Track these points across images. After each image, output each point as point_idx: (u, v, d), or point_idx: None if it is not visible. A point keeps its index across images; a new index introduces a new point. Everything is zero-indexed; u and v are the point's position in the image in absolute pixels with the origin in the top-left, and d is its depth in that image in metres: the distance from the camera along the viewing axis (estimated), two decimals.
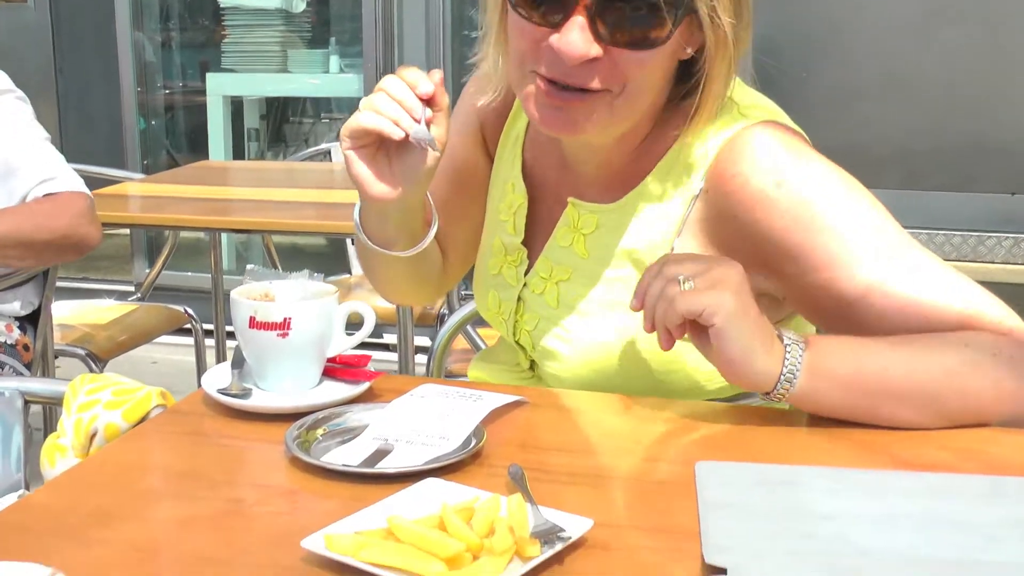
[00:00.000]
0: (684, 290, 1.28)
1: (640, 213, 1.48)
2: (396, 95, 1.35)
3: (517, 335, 1.60)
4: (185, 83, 6.08)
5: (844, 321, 1.39)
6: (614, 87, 1.36)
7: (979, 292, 1.36)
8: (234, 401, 1.35)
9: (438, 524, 1.00)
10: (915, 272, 1.36)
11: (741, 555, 0.99)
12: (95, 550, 1.02)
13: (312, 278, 1.43)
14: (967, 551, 1.02)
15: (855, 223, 1.38)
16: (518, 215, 1.60)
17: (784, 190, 1.38)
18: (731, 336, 1.27)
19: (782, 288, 1.43)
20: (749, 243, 1.41)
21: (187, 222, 3.19)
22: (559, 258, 1.54)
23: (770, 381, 1.29)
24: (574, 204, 1.53)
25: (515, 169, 1.62)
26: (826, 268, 1.37)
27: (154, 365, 4.70)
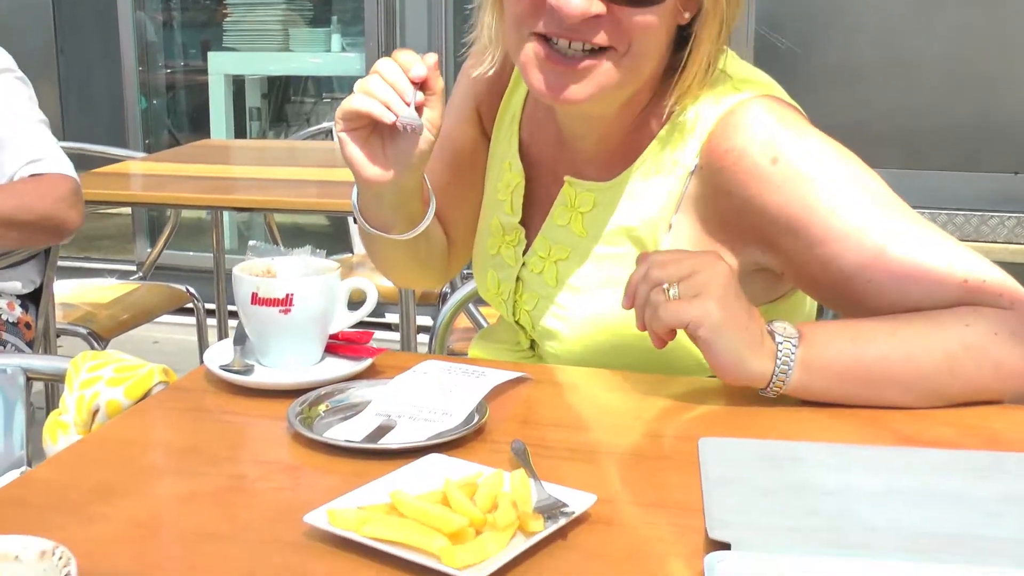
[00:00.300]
0: (669, 300, 1.28)
1: (637, 190, 1.47)
2: (389, 78, 1.36)
3: (517, 315, 1.60)
4: (187, 62, 6.07)
5: (843, 296, 1.39)
6: (620, 46, 1.36)
7: (979, 262, 1.34)
8: (236, 377, 1.35)
9: (441, 499, 0.99)
10: (914, 245, 1.34)
11: (744, 530, 0.99)
12: (97, 525, 1.02)
13: (314, 254, 1.43)
14: (969, 526, 1.02)
15: (852, 198, 1.37)
16: (516, 194, 1.60)
17: (780, 165, 1.37)
18: (718, 345, 1.27)
19: (780, 263, 1.43)
20: (746, 218, 1.41)
21: (189, 200, 3.18)
22: (557, 237, 1.54)
23: (764, 379, 1.29)
24: (571, 183, 1.53)
25: (512, 148, 1.62)
26: (823, 243, 1.36)
27: (156, 344, 4.71)
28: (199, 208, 3.72)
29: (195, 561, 0.96)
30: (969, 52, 4.75)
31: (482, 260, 1.67)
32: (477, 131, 1.70)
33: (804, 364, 1.29)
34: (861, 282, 1.36)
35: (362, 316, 1.43)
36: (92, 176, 3.34)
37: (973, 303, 1.32)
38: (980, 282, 1.32)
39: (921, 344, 1.29)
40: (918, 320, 1.32)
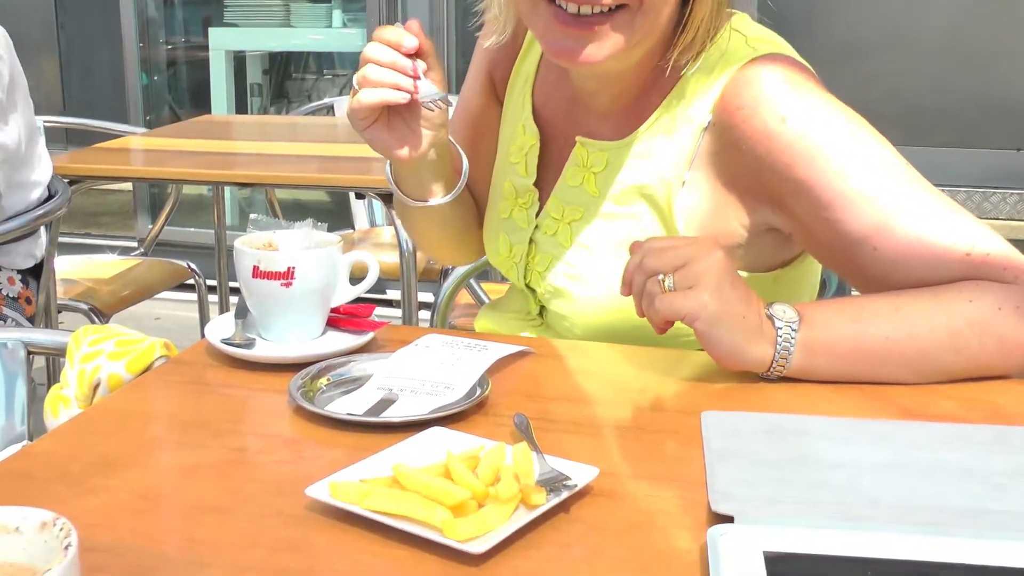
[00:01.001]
0: (664, 291, 1.27)
1: (650, 148, 1.47)
2: (385, 60, 1.37)
3: (528, 278, 1.60)
4: (187, 38, 6.05)
5: (848, 262, 1.38)
6: (632, 2, 1.36)
7: (985, 235, 1.33)
8: (238, 351, 1.35)
9: (443, 472, 0.99)
10: (921, 215, 1.33)
11: (748, 503, 0.99)
12: (98, 498, 1.01)
13: (316, 228, 1.43)
14: (974, 499, 1.01)
15: (860, 163, 1.36)
16: (530, 156, 1.60)
17: (788, 125, 1.37)
18: (715, 336, 1.27)
19: (788, 224, 1.42)
20: (755, 177, 1.40)
21: (190, 176, 3.17)
22: (570, 198, 1.54)
23: (764, 364, 1.29)
24: (582, 143, 1.53)
25: (525, 110, 1.62)
26: (829, 207, 1.36)
27: (157, 321, 4.71)
28: (200, 184, 3.72)
29: (196, 533, 0.95)
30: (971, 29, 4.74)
31: (494, 224, 1.67)
32: (491, 96, 1.71)
33: (805, 347, 1.28)
34: (867, 249, 1.35)
35: (364, 290, 1.42)
36: (93, 151, 3.33)
37: (977, 277, 1.31)
38: (984, 255, 1.31)
39: (924, 322, 1.29)
40: (921, 297, 1.31)
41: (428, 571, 0.89)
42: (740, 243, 1.46)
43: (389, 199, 2.91)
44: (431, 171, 1.53)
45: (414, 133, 1.45)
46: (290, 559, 0.91)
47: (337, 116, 4.34)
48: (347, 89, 5.94)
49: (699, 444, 1.12)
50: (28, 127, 2.79)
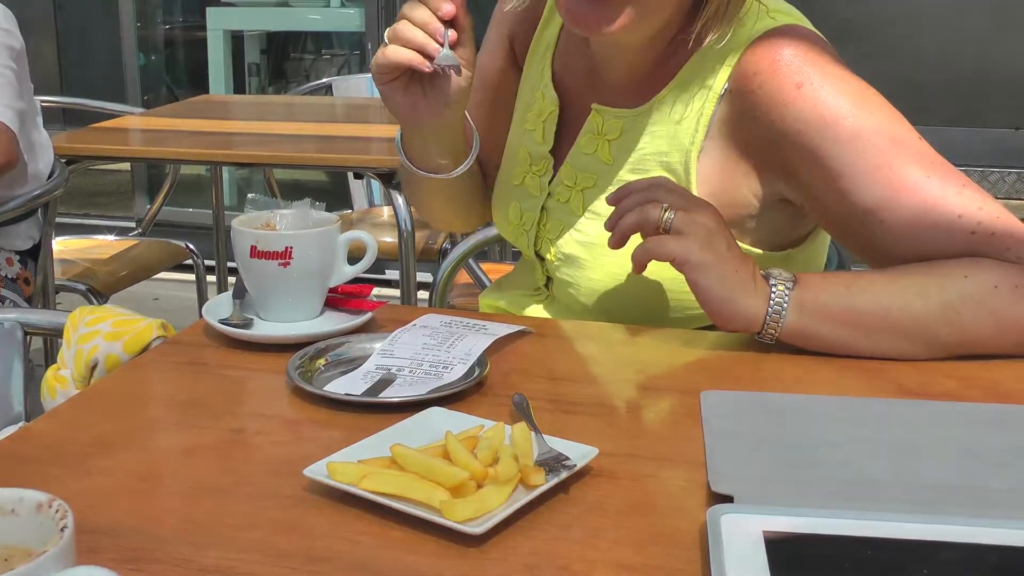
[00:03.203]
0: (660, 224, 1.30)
1: (666, 116, 1.47)
2: (418, 20, 1.37)
3: (539, 245, 1.59)
4: (185, 18, 6.04)
5: (855, 234, 1.38)
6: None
7: (994, 214, 1.32)
8: (236, 331, 1.34)
9: (442, 453, 0.99)
10: (929, 190, 1.33)
11: (747, 483, 0.98)
12: (95, 479, 1.01)
13: (314, 208, 1.42)
14: (974, 478, 1.01)
15: (873, 135, 1.35)
16: (548, 123, 1.60)
17: (803, 92, 1.37)
18: (704, 285, 1.28)
19: (799, 194, 1.42)
20: (768, 145, 1.40)
21: (188, 156, 3.17)
22: (583, 165, 1.54)
23: (757, 321, 1.29)
24: (598, 110, 1.53)
25: (545, 78, 1.63)
26: (838, 178, 1.35)
27: (156, 301, 4.70)
28: (198, 163, 3.71)
29: (194, 514, 0.95)
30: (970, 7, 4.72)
31: (504, 191, 1.67)
32: (510, 64, 1.72)
33: (798, 305, 1.29)
34: (874, 221, 1.35)
35: (362, 270, 1.42)
36: (90, 131, 3.33)
37: (979, 255, 1.31)
38: (989, 234, 1.31)
39: (917, 292, 1.29)
40: (917, 270, 1.32)
41: (427, 552, 0.89)
42: (752, 214, 1.46)
43: (387, 179, 2.91)
44: (440, 143, 1.54)
45: (427, 103, 1.45)
46: (288, 540, 0.91)
47: (335, 96, 4.33)
48: (345, 69, 5.94)
49: (699, 424, 1.12)
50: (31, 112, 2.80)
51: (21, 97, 2.74)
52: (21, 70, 2.73)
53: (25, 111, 2.72)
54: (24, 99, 2.72)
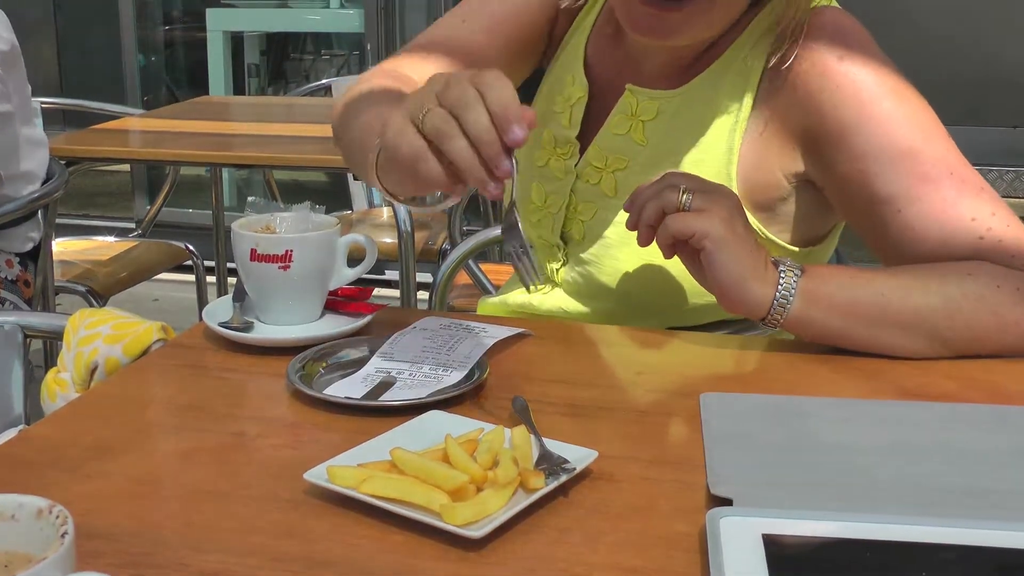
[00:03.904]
0: (680, 206, 1.29)
1: (708, 96, 1.48)
2: (475, 135, 1.07)
3: (567, 227, 1.59)
4: (185, 18, 6.04)
5: (871, 221, 1.40)
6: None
7: (1006, 222, 1.34)
8: (236, 334, 1.34)
9: (441, 456, 0.99)
10: (949, 189, 1.34)
11: (746, 485, 0.98)
12: (95, 483, 1.01)
13: (314, 210, 1.42)
14: (975, 480, 1.01)
15: (905, 123, 1.37)
16: (576, 108, 1.60)
17: (844, 64, 1.39)
18: (720, 261, 1.28)
19: (823, 175, 1.44)
20: (802, 116, 1.42)
21: (188, 157, 3.17)
22: (614, 146, 1.54)
23: (764, 306, 1.29)
24: (632, 91, 1.53)
25: (577, 61, 1.62)
26: (863, 158, 1.37)
27: (155, 302, 4.70)
28: (198, 165, 3.71)
29: (194, 518, 0.95)
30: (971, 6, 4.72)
31: (524, 172, 1.65)
32: (546, 32, 1.68)
33: (805, 294, 1.29)
34: (891, 211, 1.36)
35: (361, 273, 1.42)
36: (90, 133, 3.33)
37: (985, 259, 1.32)
38: (996, 241, 1.32)
39: (920, 286, 1.30)
40: (921, 268, 1.33)
41: (427, 556, 0.89)
42: (784, 196, 1.48)
43: None
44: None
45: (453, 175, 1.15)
46: (288, 544, 0.91)
47: (335, 97, 4.33)
48: (345, 70, 5.93)
49: (698, 426, 1.12)
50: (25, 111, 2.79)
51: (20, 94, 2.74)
52: (7, 71, 2.72)
53: (11, 113, 2.70)
54: (11, 100, 2.71)
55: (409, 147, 1.10)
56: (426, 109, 1.09)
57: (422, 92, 1.12)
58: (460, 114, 1.07)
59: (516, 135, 1.06)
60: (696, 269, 1.32)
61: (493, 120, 1.06)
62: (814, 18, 1.42)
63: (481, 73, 1.09)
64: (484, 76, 1.08)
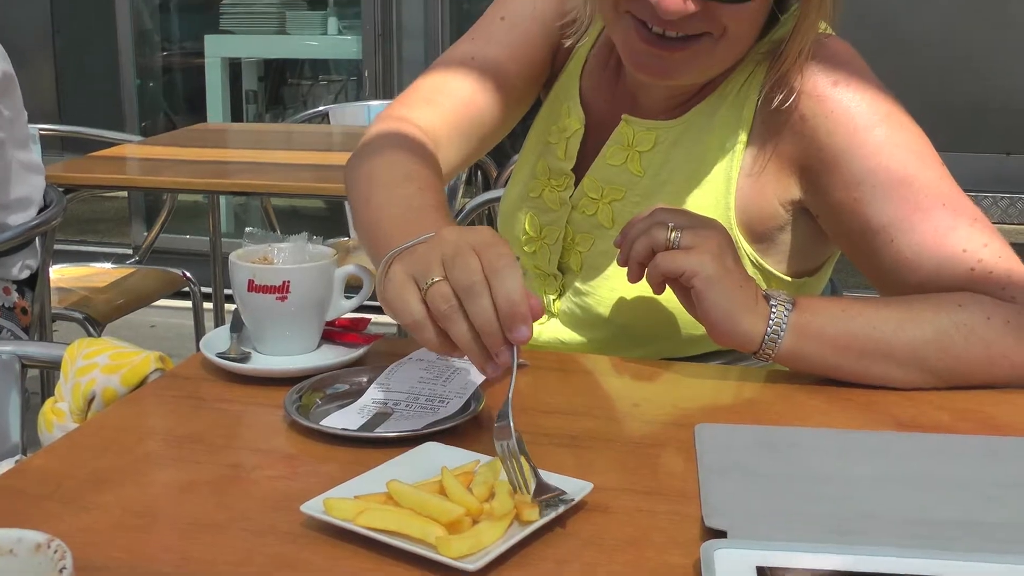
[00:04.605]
0: (668, 244, 1.30)
1: (705, 126, 1.49)
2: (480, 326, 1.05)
3: (565, 258, 1.59)
4: (183, 45, 6.06)
5: (864, 249, 1.40)
6: (715, 31, 1.37)
7: (998, 252, 1.35)
8: (233, 365, 1.35)
9: (438, 489, 0.99)
10: (943, 219, 1.35)
11: (741, 517, 0.99)
12: (93, 515, 1.01)
13: (311, 241, 1.43)
14: (967, 512, 1.02)
15: (898, 151, 1.38)
16: (572, 141, 1.60)
17: (838, 91, 1.40)
18: (711, 298, 1.29)
19: (817, 202, 1.44)
20: (797, 143, 1.42)
21: (185, 184, 3.18)
22: (610, 177, 1.55)
23: (755, 340, 1.30)
24: (628, 121, 1.54)
25: (572, 92, 1.62)
26: (859, 186, 1.38)
27: (152, 328, 4.70)
28: (196, 192, 3.71)
29: (191, 551, 0.95)
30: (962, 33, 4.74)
31: (517, 202, 1.66)
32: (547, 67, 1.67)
33: (796, 328, 1.30)
34: (883, 240, 1.37)
35: (358, 303, 1.42)
36: (89, 160, 3.34)
37: (976, 291, 1.33)
38: (987, 273, 1.33)
39: (911, 317, 1.31)
40: (913, 299, 1.34)
41: None
42: (782, 225, 1.48)
43: None
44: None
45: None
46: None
47: (332, 124, 4.34)
48: (342, 95, 5.95)
49: (693, 457, 1.12)
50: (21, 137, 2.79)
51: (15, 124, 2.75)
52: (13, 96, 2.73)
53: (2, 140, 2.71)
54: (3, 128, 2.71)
55: (409, 315, 1.09)
56: (431, 280, 1.07)
57: (428, 253, 1.10)
58: (465, 300, 1.05)
59: (522, 336, 1.04)
60: (688, 303, 1.33)
61: (498, 313, 1.04)
62: (813, 48, 1.43)
63: (490, 250, 1.06)
64: (493, 258, 1.05)
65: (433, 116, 1.55)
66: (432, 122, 1.54)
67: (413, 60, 5.14)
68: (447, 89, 1.59)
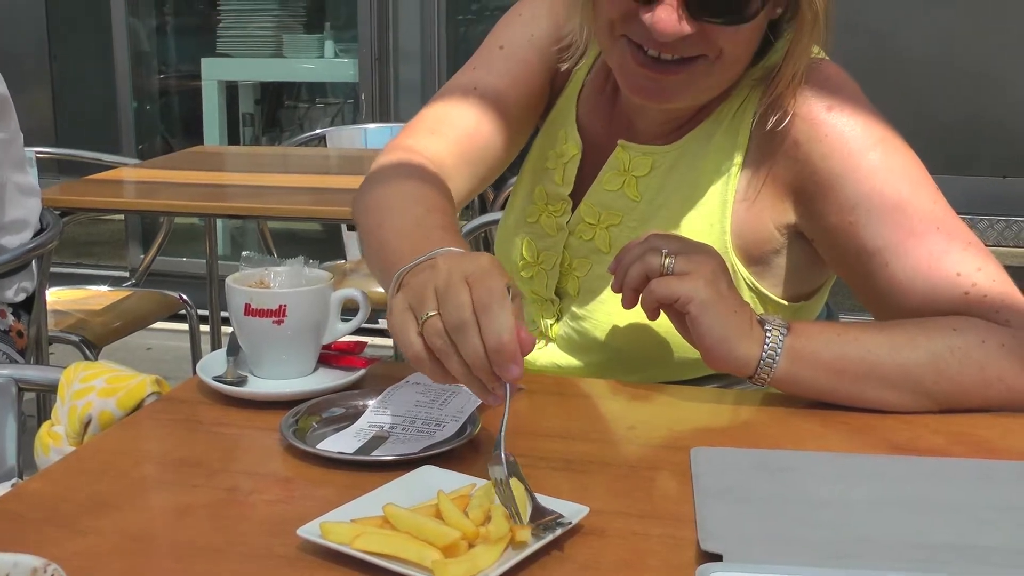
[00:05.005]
0: (662, 269, 1.30)
1: (701, 150, 1.49)
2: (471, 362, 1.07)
3: (562, 283, 1.60)
4: (180, 68, 6.07)
5: (859, 273, 1.41)
6: (711, 53, 1.38)
7: (991, 276, 1.36)
8: (229, 388, 1.35)
9: (434, 512, 0.99)
10: (935, 241, 1.36)
11: (736, 541, 0.99)
12: (90, 539, 1.02)
13: (307, 265, 1.43)
14: (963, 535, 1.02)
15: (892, 175, 1.39)
16: (569, 167, 1.60)
17: (832, 115, 1.40)
18: (706, 324, 1.29)
19: (812, 226, 1.45)
20: (792, 168, 1.43)
21: (181, 208, 3.18)
22: (606, 202, 1.55)
23: (750, 365, 1.30)
24: (624, 146, 1.54)
25: (569, 118, 1.63)
26: (853, 210, 1.38)
27: (149, 351, 4.70)
28: (192, 216, 3.72)
29: (188, 575, 0.95)
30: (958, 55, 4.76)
31: (514, 227, 1.67)
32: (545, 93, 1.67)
33: (791, 352, 1.30)
34: (878, 264, 1.38)
35: (355, 327, 1.43)
36: (85, 183, 3.34)
37: (970, 315, 1.33)
38: (981, 296, 1.33)
39: (906, 341, 1.31)
40: (907, 323, 1.34)
41: None
42: (778, 249, 1.49)
43: None
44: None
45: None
46: None
47: (329, 147, 4.35)
48: (339, 118, 5.96)
49: (688, 481, 1.13)
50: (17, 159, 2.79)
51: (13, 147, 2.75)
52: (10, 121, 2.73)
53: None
54: None
55: (410, 348, 1.10)
56: (426, 314, 1.08)
57: (424, 284, 1.11)
58: (455, 338, 1.06)
59: (512, 374, 1.05)
60: (683, 329, 1.33)
61: (487, 351, 1.04)
62: (807, 72, 1.43)
63: (481, 284, 1.06)
64: (483, 294, 1.06)
65: (439, 146, 1.56)
66: (438, 152, 1.55)
67: (409, 83, 5.15)
68: (451, 119, 1.59)
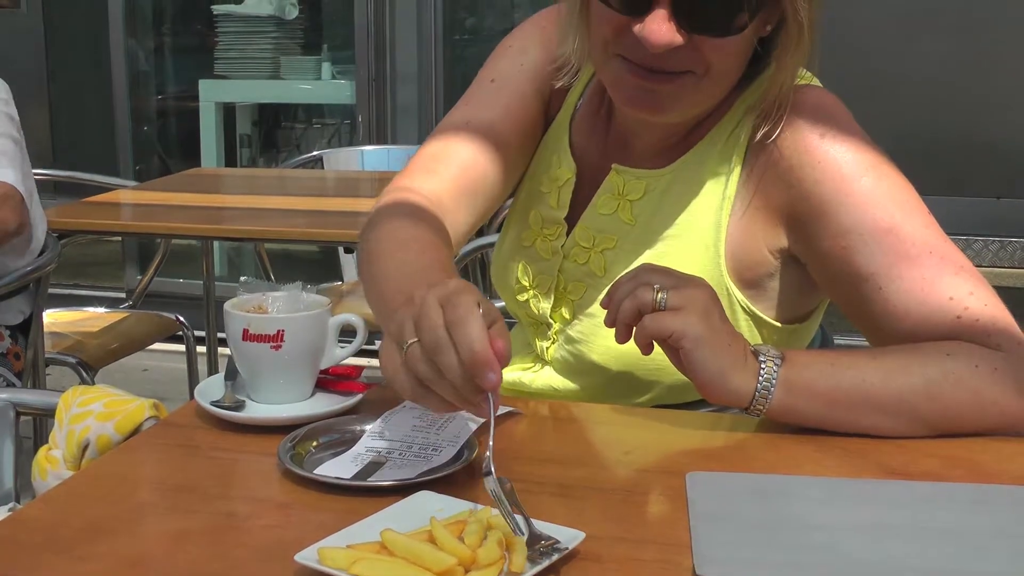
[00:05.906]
0: (655, 305, 1.30)
1: (694, 175, 1.50)
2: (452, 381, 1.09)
3: (557, 307, 1.60)
4: (178, 89, 6.08)
5: (853, 298, 1.42)
6: (698, 69, 1.38)
7: (984, 300, 1.36)
8: (227, 413, 1.35)
9: (431, 537, 1.00)
10: (928, 266, 1.37)
11: (732, 566, 0.99)
12: (87, 565, 1.02)
13: (305, 290, 1.44)
14: (956, 561, 1.02)
15: (885, 200, 1.40)
16: (563, 190, 1.61)
17: (825, 142, 1.42)
18: (700, 359, 1.29)
19: (805, 251, 1.46)
20: (785, 193, 1.44)
21: (179, 230, 3.19)
22: (601, 226, 1.56)
23: (746, 397, 1.31)
24: (618, 171, 1.55)
25: (563, 142, 1.63)
26: (846, 234, 1.39)
27: (146, 373, 4.70)
28: (190, 238, 3.72)
29: None
30: (953, 77, 4.78)
31: (510, 251, 1.67)
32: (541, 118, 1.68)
33: (786, 383, 1.30)
34: (871, 289, 1.39)
35: (352, 351, 1.43)
36: (83, 206, 3.34)
37: (962, 339, 1.34)
38: (973, 321, 1.34)
39: (900, 367, 1.32)
40: (901, 349, 1.35)
41: None
42: (771, 272, 1.50)
43: None
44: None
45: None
46: None
47: (326, 169, 4.36)
48: (336, 139, 5.97)
49: (684, 506, 1.13)
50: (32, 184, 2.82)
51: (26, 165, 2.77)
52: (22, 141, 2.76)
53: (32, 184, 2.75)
54: None
55: (403, 388, 1.15)
56: (407, 344, 1.12)
57: (402, 318, 1.14)
58: (434, 358, 1.09)
59: (490, 382, 1.08)
60: (677, 363, 1.33)
61: (464, 365, 1.07)
62: (797, 96, 1.45)
63: (450, 301, 1.10)
64: (452, 311, 1.09)
65: (436, 184, 1.57)
66: (435, 190, 1.56)
67: (407, 105, 5.16)
68: (446, 156, 1.60)
